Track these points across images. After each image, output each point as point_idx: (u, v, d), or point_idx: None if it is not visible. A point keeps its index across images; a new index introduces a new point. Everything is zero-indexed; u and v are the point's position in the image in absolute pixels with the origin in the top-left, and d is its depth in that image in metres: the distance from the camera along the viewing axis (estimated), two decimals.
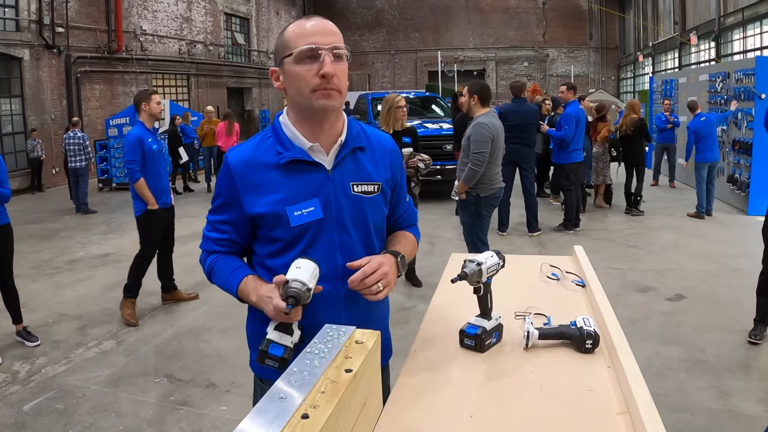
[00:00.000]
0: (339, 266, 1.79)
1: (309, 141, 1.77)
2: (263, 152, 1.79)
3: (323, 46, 1.68)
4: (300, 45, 1.68)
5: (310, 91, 1.69)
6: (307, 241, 1.76)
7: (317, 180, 1.77)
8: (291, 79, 1.73)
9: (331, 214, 1.77)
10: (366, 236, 1.86)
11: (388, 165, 1.93)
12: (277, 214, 1.74)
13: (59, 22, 16.44)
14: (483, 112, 5.72)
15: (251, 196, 1.76)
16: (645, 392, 1.37)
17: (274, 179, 1.75)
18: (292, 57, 1.69)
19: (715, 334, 5.15)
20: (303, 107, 1.75)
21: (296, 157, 1.75)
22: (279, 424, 0.91)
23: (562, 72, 33.83)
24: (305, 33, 1.70)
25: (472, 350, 1.74)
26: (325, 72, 1.67)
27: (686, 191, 12.30)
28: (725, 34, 19.69)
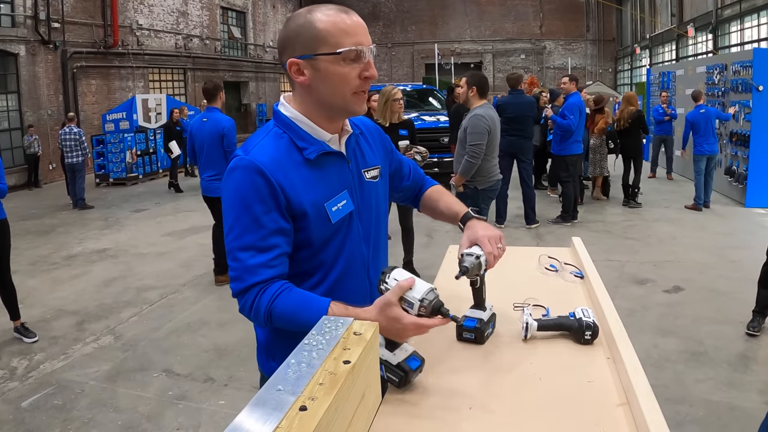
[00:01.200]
0: (366, 257, 1.75)
1: (329, 134, 1.68)
2: (284, 149, 1.63)
3: (366, 47, 1.59)
4: (345, 44, 1.55)
5: (351, 93, 1.60)
6: (341, 238, 1.69)
7: (343, 171, 1.70)
8: (329, 77, 1.58)
9: (356, 204, 1.72)
10: (381, 221, 1.84)
11: (380, 144, 1.91)
12: (317, 213, 1.62)
13: (55, 17, 16.38)
14: (480, 103, 5.71)
15: (288, 195, 1.58)
16: (645, 383, 1.37)
17: (307, 177, 1.62)
18: (338, 56, 1.55)
19: (714, 326, 5.16)
20: (335, 107, 1.64)
21: (324, 150, 1.65)
22: (277, 416, 0.90)
23: (559, 64, 33.83)
24: (350, 30, 1.57)
25: (472, 343, 1.73)
26: (371, 74, 1.60)
27: (684, 183, 12.31)
28: (722, 26, 19.67)
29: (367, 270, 1.76)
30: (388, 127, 6.18)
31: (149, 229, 9.78)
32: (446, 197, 2.06)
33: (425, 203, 2.09)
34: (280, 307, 1.54)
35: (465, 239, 1.80)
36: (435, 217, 2.09)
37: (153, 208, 11.94)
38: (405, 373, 1.42)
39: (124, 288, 6.72)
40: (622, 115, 10.22)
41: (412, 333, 1.46)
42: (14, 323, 5.38)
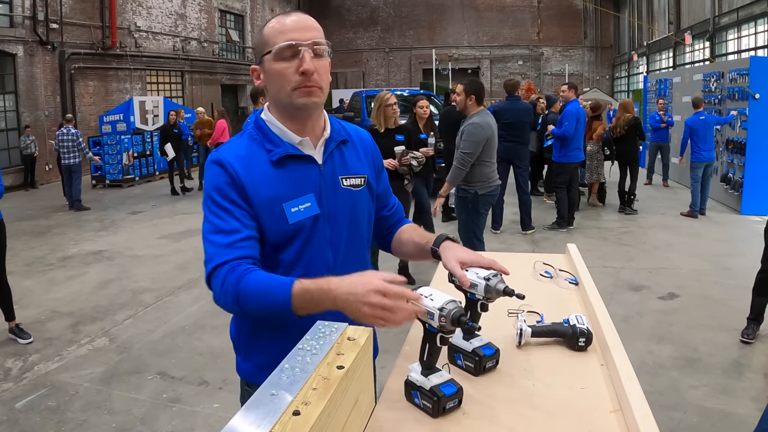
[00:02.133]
0: (331, 263, 1.74)
1: (298, 136, 1.72)
2: (252, 150, 1.71)
3: (303, 43, 1.63)
4: (279, 42, 1.63)
5: (291, 89, 1.64)
6: (302, 239, 1.70)
7: (311, 174, 1.72)
8: (271, 77, 1.68)
9: (324, 209, 1.72)
10: (355, 231, 1.82)
11: (370, 158, 1.90)
12: (274, 210, 1.66)
13: (53, 18, 16.40)
14: (477, 110, 5.72)
15: (251, 188, 1.65)
16: (638, 390, 1.37)
17: (269, 176, 1.67)
18: (272, 54, 1.64)
19: (708, 332, 5.17)
20: (285, 105, 1.70)
21: (288, 153, 1.69)
22: (270, 421, 0.90)
23: (557, 71, 33.89)
24: (284, 29, 1.65)
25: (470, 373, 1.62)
26: (305, 69, 1.61)
27: (680, 190, 12.34)
28: (720, 33, 19.74)
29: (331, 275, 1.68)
30: (384, 132, 6.18)
31: (145, 231, 9.77)
32: (422, 230, 2.01)
33: (398, 237, 2.02)
34: (247, 286, 1.54)
35: (452, 260, 1.65)
36: (406, 249, 1.98)
37: (149, 210, 11.92)
38: (438, 399, 1.37)
39: (119, 290, 6.72)
40: (618, 122, 10.26)
41: (376, 301, 1.35)
42: (9, 324, 5.36)
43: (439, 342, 1.39)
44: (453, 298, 1.38)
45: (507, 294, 1.52)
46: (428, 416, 1.38)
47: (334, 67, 1.79)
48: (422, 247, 1.86)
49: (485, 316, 1.60)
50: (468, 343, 1.61)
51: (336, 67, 36.25)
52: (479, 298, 1.56)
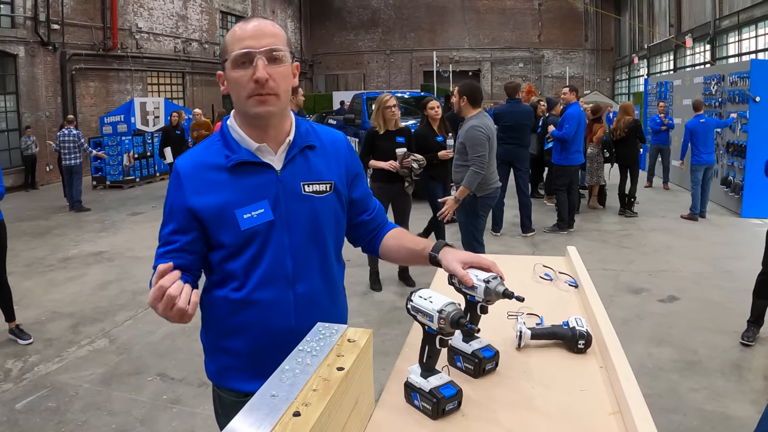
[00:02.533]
0: (290, 271, 1.74)
1: (256, 142, 1.72)
2: (211, 155, 1.73)
3: (256, 50, 1.62)
4: (235, 49, 1.64)
5: (246, 97, 1.65)
6: (258, 245, 1.71)
7: (266, 181, 1.71)
8: (230, 84, 1.69)
9: (281, 215, 1.71)
10: (319, 238, 1.79)
11: (342, 162, 1.87)
12: (223, 215, 1.68)
13: (54, 19, 16.43)
14: (474, 113, 5.70)
15: (199, 197, 1.69)
16: (637, 392, 1.37)
17: (222, 180, 1.70)
18: (229, 62, 1.65)
19: (708, 335, 5.17)
20: (242, 111, 1.72)
21: (243, 159, 1.70)
22: (270, 422, 0.91)
23: (558, 73, 33.93)
24: (240, 37, 1.65)
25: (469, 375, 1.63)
26: (257, 77, 1.61)
27: (680, 193, 12.34)
28: (720, 36, 19.76)
29: (290, 284, 1.75)
30: (384, 134, 6.19)
31: (145, 233, 9.76)
32: (411, 235, 2.00)
33: (387, 242, 1.98)
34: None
35: (453, 261, 1.63)
36: (399, 255, 1.98)
37: (149, 211, 11.93)
38: (438, 401, 1.38)
39: (119, 291, 6.72)
40: (618, 125, 10.27)
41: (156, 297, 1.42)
42: (9, 325, 5.36)
43: (439, 344, 1.39)
44: (452, 300, 1.38)
45: (506, 296, 1.52)
46: (428, 418, 1.39)
47: (336, 68, 1.79)
48: (418, 253, 1.82)
49: (485, 318, 1.60)
50: (468, 345, 1.61)
51: (337, 69, 36.52)
52: (479, 300, 1.56)
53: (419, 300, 1.39)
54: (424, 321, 1.38)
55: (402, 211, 6.40)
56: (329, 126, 12.75)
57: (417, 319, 1.41)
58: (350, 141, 8.22)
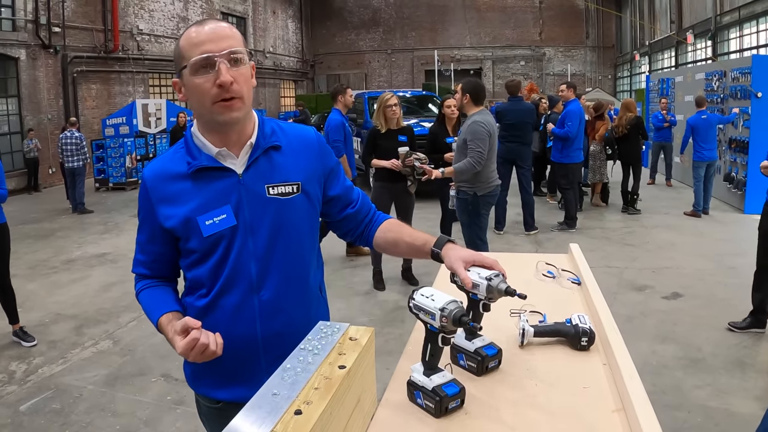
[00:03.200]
0: (254, 276, 1.70)
1: (216, 147, 1.68)
2: (175, 163, 1.71)
3: (217, 53, 1.57)
4: (194, 55, 1.58)
5: (211, 103, 1.60)
6: (222, 251, 1.68)
7: (227, 186, 1.68)
8: (191, 91, 1.64)
9: (244, 220, 1.67)
10: (288, 242, 1.73)
11: (313, 159, 1.81)
12: (189, 225, 1.67)
13: (56, 21, 16.46)
14: (477, 110, 5.70)
15: (164, 208, 1.70)
16: (640, 389, 1.37)
17: (185, 189, 1.68)
18: (188, 69, 1.60)
19: (712, 332, 5.16)
20: (205, 119, 1.68)
21: (203, 165, 1.67)
22: (272, 420, 0.91)
23: (559, 71, 33.90)
24: (197, 41, 1.59)
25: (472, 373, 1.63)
26: (221, 81, 1.57)
27: (683, 190, 12.32)
28: (721, 32, 19.72)
29: (255, 289, 1.70)
30: (386, 133, 6.19)
31: None
32: (409, 228, 1.94)
33: (384, 235, 1.93)
34: (142, 301, 1.83)
35: (455, 260, 1.61)
36: (397, 249, 1.92)
37: None
38: (440, 399, 1.38)
39: (123, 293, 6.72)
40: (620, 122, 10.25)
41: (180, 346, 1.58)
42: (13, 327, 5.37)
43: (441, 342, 1.39)
44: (454, 298, 1.37)
45: (509, 294, 1.51)
46: (431, 416, 1.38)
47: (337, 68, 1.77)
48: (418, 248, 1.80)
49: (487, 316, 1.60)
50: (470, 343, 1.61)
51: (339, 69, 36.55)
52: (481, 298, 1.55)
53: (421, 298, 1.39)
54: (426, 319, 1.38)
55: (405, 210, 6.41)
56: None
57: (419, 318, 1.40)
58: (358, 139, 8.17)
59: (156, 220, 1.71)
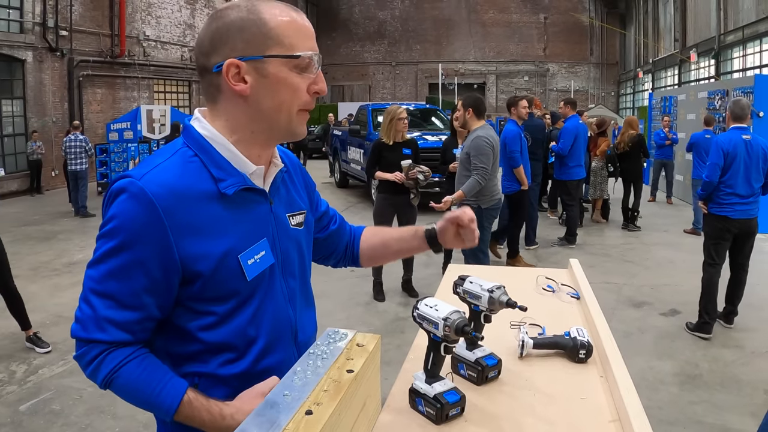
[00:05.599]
0: (293, 322, 1.44)
1: (255, 164, 1.34)
2: (192, 178, 1.26)
3: (319, 56, 1.32)
4: (302, 47, 1.27)
5: (298, 109, 1.31)
6: (260, 297, 1.34)
7: (262, 214, 1.36)
8: (278, 87, 1.27)
9: (278, 256, 1.38)
10: (305, 277, 1.53)
11: (304, 184, 1.59)
12: (227, 265, 1.27)
13: (63, 25, 16.56)
14: (479, 125, 5.77)
15: (190, 241, 1.24)
16: (636, 401, 1.40)
17: (219, 217, 1.27)
18: (291, 60, 1.27)
19: (709, 348, 5.20)
20: (276, 127, 1.33)
21: (246, 185, 1.31)
22: (284, 420, 0.95)
23: (562, 87, 34.06)
24: (307, 32, 1.30)
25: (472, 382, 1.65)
26: (321, 89, 1.33)
27: (684, 207, 12.36)
28: (725, 51, 19.83)
29: (294, 337, 1.45)
30: (392, 145, 6.24)
31: None
32: (389, 228, 1.85)
33: (369, 244, 1.79)
34: (126, 379, 1.24)
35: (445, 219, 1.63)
36: (386, 249, 1.80)
37: None
38: (441, 406, 1.40)
39: None
40: (622, 139, 10.31)
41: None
42: (26, 333, 5.32)
43: (443, 351, 1.42)
44: (457, 309, 1.41)
45: (510, 306, 1.55)
46: (431, 423, 1.42)
47: (341, 79, 1.72)
48: (411, 236, 1.73)
49: (488, 327, 1.64)
50: (471, 353, 1.64)
51: (342, 80, 36.66)
52: (483, 309, 1.59)
53: (425, 308, 1.43)
54: (430, 328, 1.42)
55: (408, 222, 6.44)
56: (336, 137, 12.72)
57: (422, 327, 1.44)
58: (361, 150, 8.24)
59: (172, 259, 1.22)
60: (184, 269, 1.23)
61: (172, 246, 1.21)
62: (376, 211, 6.42)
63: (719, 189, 5.43)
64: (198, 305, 1.28)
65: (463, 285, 1.65)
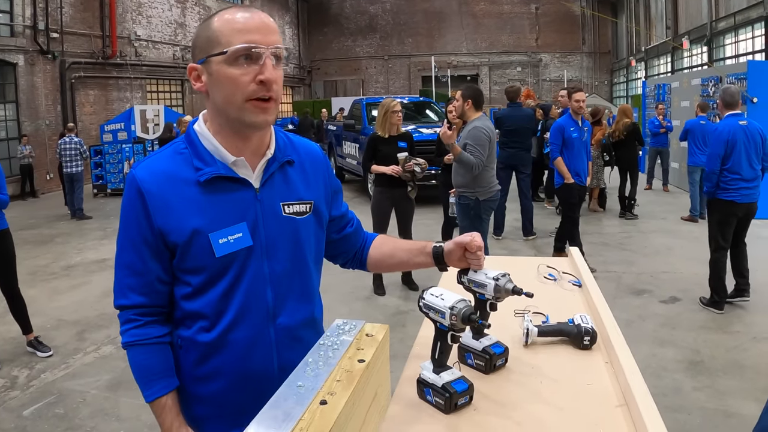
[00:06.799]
0: (270, 303, 1.54)
1: (233, 155, 1.50)
2: (178, 166, 1.49)
3: (264, 46, 1.41)
4: (235, 42, 1.39)
5: (244, 99, 1.42)
6: (233, 275, 1.49)
7: (244, 200, 1.50)
8: (220, 82, 1.44)
9: (260, 240, 1.51)
10: (301, 265, 1.61)
11: (322, 179, 1.69)
12: (197, 241, 1.46)
13: (54, 27, 16.49)
14: (477, 116, 5.77)
15: (166, 218, 1.46)
16: (642, 385, 1.42)
17: (194, 199, 1.47)
18: (225, 56, 1.40)
19: (710, 335, 5.22)
20: (231, 118, 1.47)
21: (219, 173, 1.48)
22: (299, 410, 0.95)
23: (555, 77, 34.03)
24: (243, 28, 1.41)
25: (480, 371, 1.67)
26: (266, 77, 1.41)
27: (680, 195, 12.39)
28: (717, 38, 19.85)
29: (272, 318, 1.54)
30: (387, 139, 6.24)
31: None
32: (401, 239, 1.91)
33: (378, 250, 1.86)
34: (133, 356, 1.55)
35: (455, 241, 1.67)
36: (393, 259, 1.85)
37: None
38: (450, 395, 1.41)
39: None
40: (617, 127, 10.32)
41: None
42: (27, 337, 5.31)
43: (450, 340, 1.43)
44: (463, 297, 1.42)
45: (516, 293, 1.56)
46: (440, 412, 1.43)
47: (334, 74, 1.73)
48: (419, 250, 1.76)
49: (492, 316, 1.64)
50: (478, 342, 1.66)
51: (336, 75, 36.63)
52: (489, 297, 1.60)
53: (431, 297, 1.43)
54: (436, 318, 1.42)
55: (405, 215, 6.44)
56: (330, 132, 12.67)
57: (429, 317, 1.45)
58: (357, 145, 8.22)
59: (156, 232, 1.47)
60: (164, 238, 1.46)
61: (151, 217, 1.45)
62: (374, 205, 6.42)
63: (725, 175, 5.60)
64: (180, 275, 1.51)
65: (467, 274, 1.65)
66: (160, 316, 1.56)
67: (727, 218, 5.70)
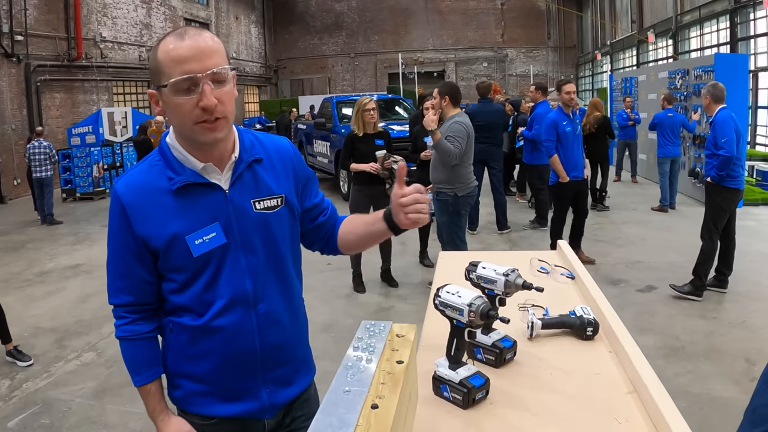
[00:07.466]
0: (249, 292, 1.68)
1: (201, 161, 1.62)
2: (153, 177, 1.64)
3: (200, 74, 1.50)
4: (174, 75, 1.50)
5: (192, 123, 1.54)
6: (212, 270, 1.65)
7: (215, 202, 1.64)
8: (170, 109, 1.56)
9: (234, 237, 1.65)
10: (277, 255, 1.74)
11: (291, 171, 1.80)
12: (176, 245, 1.61)
13: (18, 30, 16.14)
14: (455, 112, 5.82)
15: (146, 226, 1.62)
16: (650, 371, 1.47)
17: (169, 207, 1.61)
18: (168, 88, 1.52)
19: (688, 321, 5.34)
20: (185, 137, 1.62)
21: (189, 181, 1.62)
22: (353, 417, 0.96)
23: (522, 72, 34.28)
24: (178, 58, 1.50)
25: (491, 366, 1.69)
26: (205, 105, 1.51)
27: (648, 186, 12.60)
28: (682, 31, 20.14)
29: (253, 305, 1.69)
30: (363, 137, 6.25)
31: None
32: (362, 215, 1.96)
33: (344, 230, 1.93)
34: (124, 349, 1.76)
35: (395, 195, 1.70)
36: (357, 236, 1.91)
37: None
38: (468, 390, 1.44)
39: (101, 303, 6.60)
40: (588, 120, 10.44)
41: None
42: (6, 347, 5.20)
43: (467, 336, 1.46)
44: (480, 294, 1.45)
45: (526, 288, 1.60)
46: (459, 408, 1.45)
47: (300, 73, 1.74)
48: (375, 220, 1.80)
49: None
50: (487, 337, 1.69)
51: (302, 74, 36.46)
52: (498, 293, 1.63)
53: (447, 295, 1.46)
54: (453, 315, 1.45)
55: None
56: (299, 131, 12.59)
57: (445, 314, 1.47)
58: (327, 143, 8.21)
59: (137, 240, 1.63)
60: (146, 244, 1.63)
61: (133, 227, 1.62)
62: (352, 203, 6.43)
63: (733, 163, 5.76)
64: (166, 273, 1.68)
65: (476, 271, 1.68)
66: (148, 312, 1.75)
67: (730, 205, 5.89)
